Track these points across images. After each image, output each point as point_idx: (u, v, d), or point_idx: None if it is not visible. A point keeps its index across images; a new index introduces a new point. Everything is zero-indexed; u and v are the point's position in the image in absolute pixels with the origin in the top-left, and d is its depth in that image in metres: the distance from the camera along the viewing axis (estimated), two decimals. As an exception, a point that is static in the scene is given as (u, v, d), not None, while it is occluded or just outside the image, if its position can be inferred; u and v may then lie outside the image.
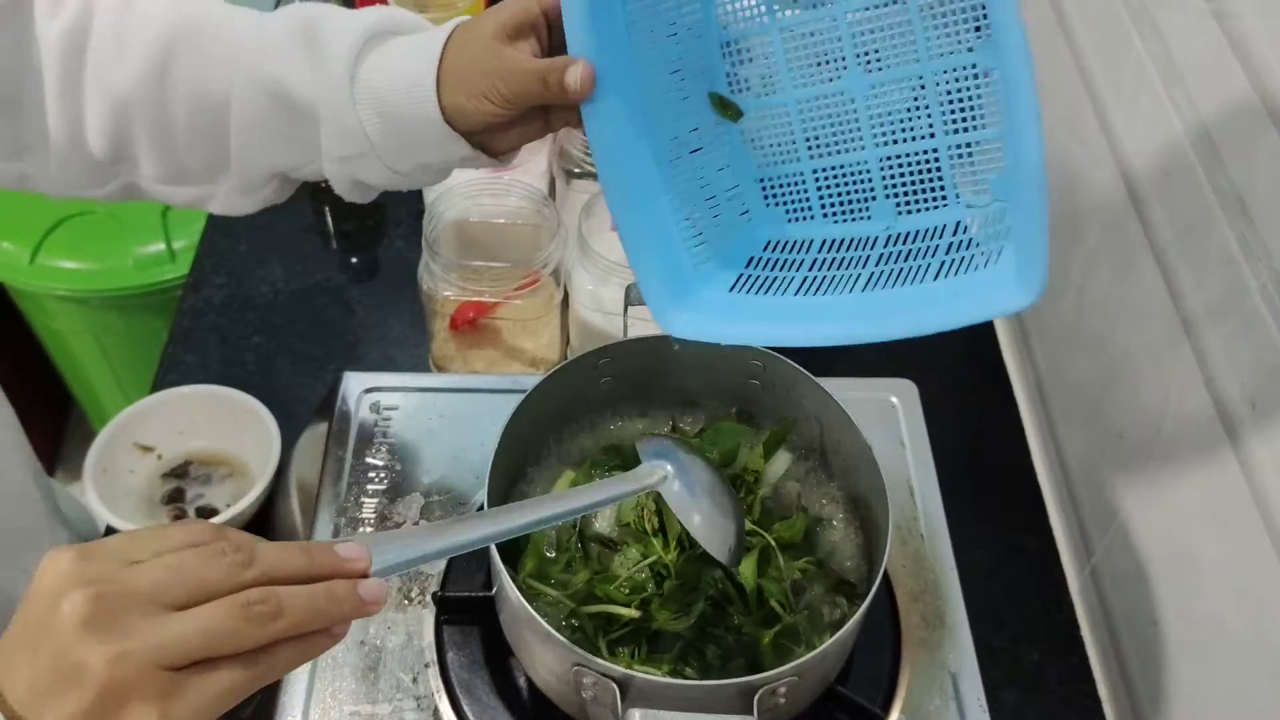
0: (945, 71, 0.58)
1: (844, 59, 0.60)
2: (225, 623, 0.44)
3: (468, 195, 0.93)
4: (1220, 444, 0.70)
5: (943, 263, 0.59)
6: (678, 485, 0.63)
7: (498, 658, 0.75)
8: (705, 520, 0.62)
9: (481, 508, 0.71)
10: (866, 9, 0.58)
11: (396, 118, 0.64)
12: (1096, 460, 0.89)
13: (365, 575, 0.49)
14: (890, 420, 0.89)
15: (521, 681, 0.74)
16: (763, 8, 0.62)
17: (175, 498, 0.89)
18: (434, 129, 0.63)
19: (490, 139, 0.65)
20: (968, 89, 0.58)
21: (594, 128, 0.61)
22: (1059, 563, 0.90)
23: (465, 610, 0.77)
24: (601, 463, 0.77)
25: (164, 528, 0.47)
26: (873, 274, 0.61)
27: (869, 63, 0.60)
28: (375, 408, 0.88)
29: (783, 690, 0.63)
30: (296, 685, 0.73)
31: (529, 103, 0.62)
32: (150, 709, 0.42)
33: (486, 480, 0.69)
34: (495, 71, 0.61)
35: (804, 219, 0.66)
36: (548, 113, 0.65)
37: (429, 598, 0.77)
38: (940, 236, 0.60)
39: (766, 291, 0.63)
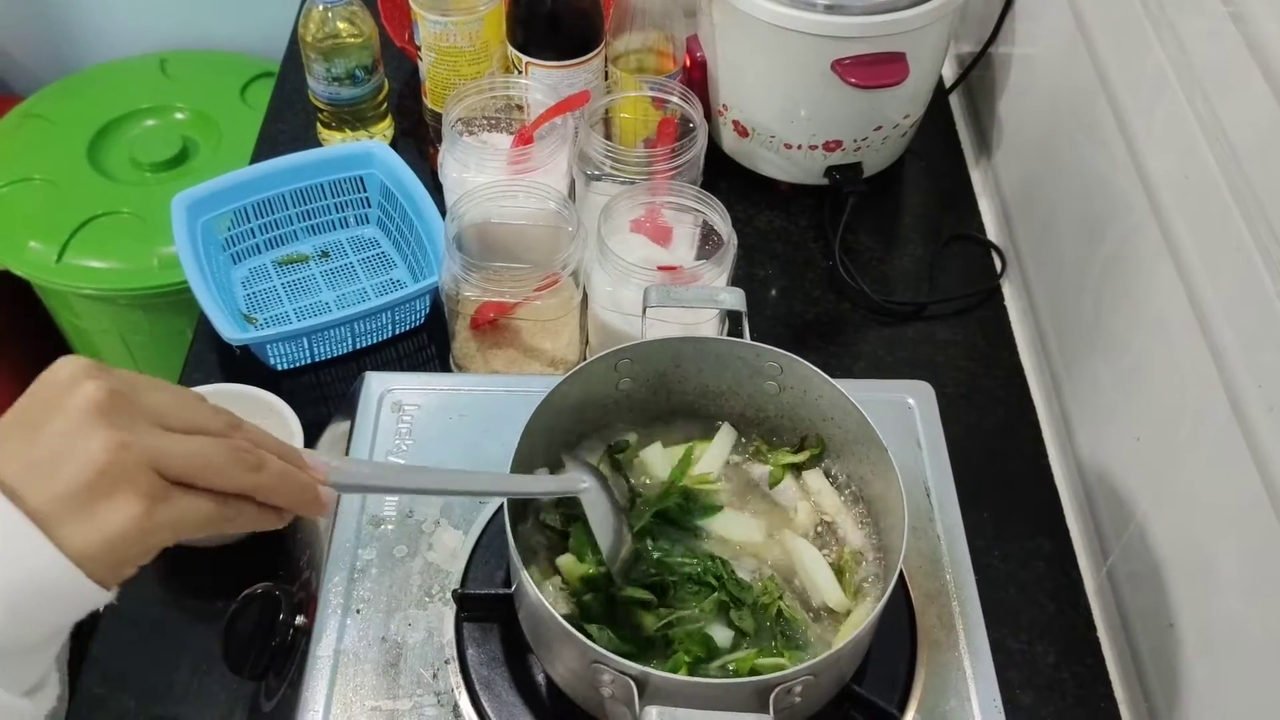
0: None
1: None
2: (218, 456, 0.49)
3: (489, 197, 0.93)
4: (1237, 446, 0.70)
5: None
6: (597, 498, 0.70)
7: (517, 655, 0.75)
8: (608, 535, 0.70)
9: (502, 508, 0.72)
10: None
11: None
12: (1113, 462, 0.89)
13: (321, 484, 0.54)
14: (907, 422, 0.89)
15: (540, 678, 0.75)
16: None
17: (200, 495, 0.90)
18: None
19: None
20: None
21: None
22: (1075, 564, 0.90)
23: (485, 607, 0.77)
24: None
25: (162, 383, 0.52)
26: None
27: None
28: (396, 407, 0.88)
29: (798, 689, 0.64)
30: (318, 681, 0.74)
31: None
32: (136, 501, 0.46)
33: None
34: None
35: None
36: None
37: (449, 595, 0.78)
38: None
39: None
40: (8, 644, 0.45)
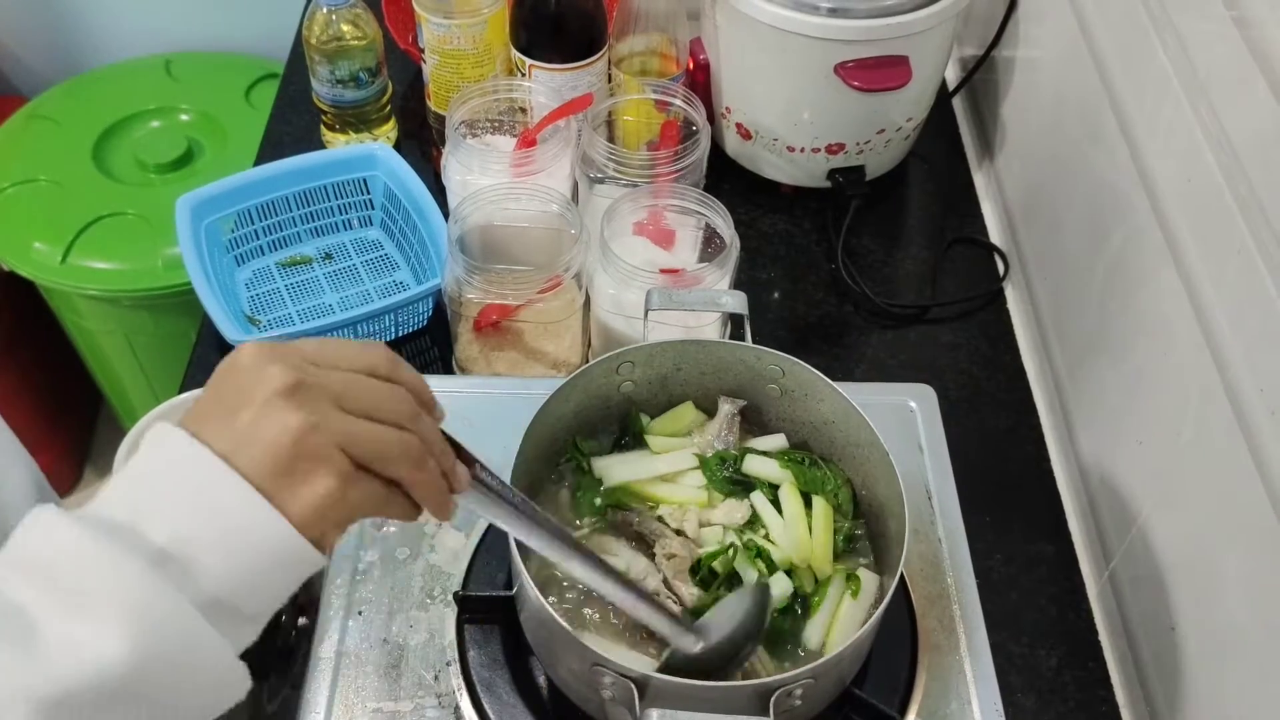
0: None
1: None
2: (392, 448, 0.51)
3: (492, 200, 0.93)
4: (1239, 451, 0.70)
5: None
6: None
7: (518, 657, 0.75)
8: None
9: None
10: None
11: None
12: (1115, 466, 0.89)
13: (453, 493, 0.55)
14: (909, 425, 0.89)
15: (541, 680, 0.75)
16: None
17: (202, 496, 0.90)
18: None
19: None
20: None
21: None
22: (1077, 568, 0.90)
23: (486, 609, 0.77)
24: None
25: (346, 342, 0.54)
26: None
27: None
28: (399, 409, 0.89)
29: (799, 692, 0.64)
30: (320, 682, 0.74)
31: None
32: (332, 478, 0.48)
33: (509, 481, 0.70)
34: None
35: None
36: None
37: (450, 597, 0.78)
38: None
39: None
40: (244, 607, 0.47)
